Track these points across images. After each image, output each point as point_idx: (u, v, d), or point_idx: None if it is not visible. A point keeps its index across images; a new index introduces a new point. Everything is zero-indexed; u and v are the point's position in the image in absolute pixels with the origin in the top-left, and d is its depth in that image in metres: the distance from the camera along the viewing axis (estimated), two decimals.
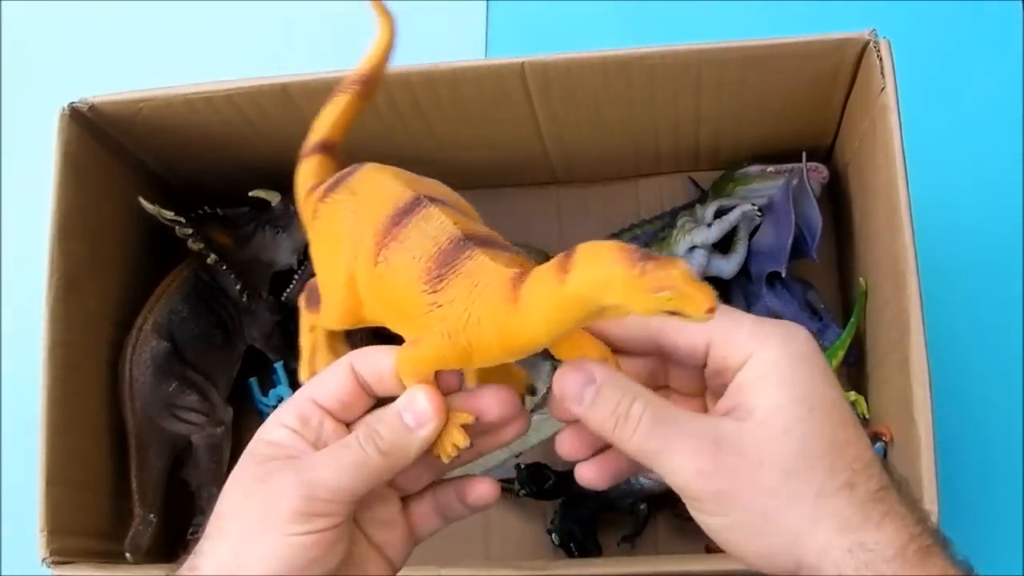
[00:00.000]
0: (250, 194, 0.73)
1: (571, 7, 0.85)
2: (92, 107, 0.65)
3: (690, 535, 0.71)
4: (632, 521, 0.69)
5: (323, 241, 0.45)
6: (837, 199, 0.74)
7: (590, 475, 0.43)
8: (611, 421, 0.39)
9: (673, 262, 0.35)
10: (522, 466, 0.70)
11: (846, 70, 0.64)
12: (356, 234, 0.43)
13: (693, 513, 0.39)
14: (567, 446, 0.43)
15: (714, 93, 0.66)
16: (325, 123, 0.52)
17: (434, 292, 0.40)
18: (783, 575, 0.38)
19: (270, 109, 0.66)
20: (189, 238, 0.69)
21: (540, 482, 0.69)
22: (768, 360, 0.39)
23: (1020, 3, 0.81)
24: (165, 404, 0.69)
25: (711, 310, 0.34)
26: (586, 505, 0.70)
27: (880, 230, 0.62)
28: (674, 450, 0.38)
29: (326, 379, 0.43)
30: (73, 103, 0.64)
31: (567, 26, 0.84)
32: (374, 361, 0.42)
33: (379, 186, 0.46)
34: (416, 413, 0.41)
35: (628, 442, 0.39)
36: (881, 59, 0.60)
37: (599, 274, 0.36)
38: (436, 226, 0.42)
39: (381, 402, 0.43)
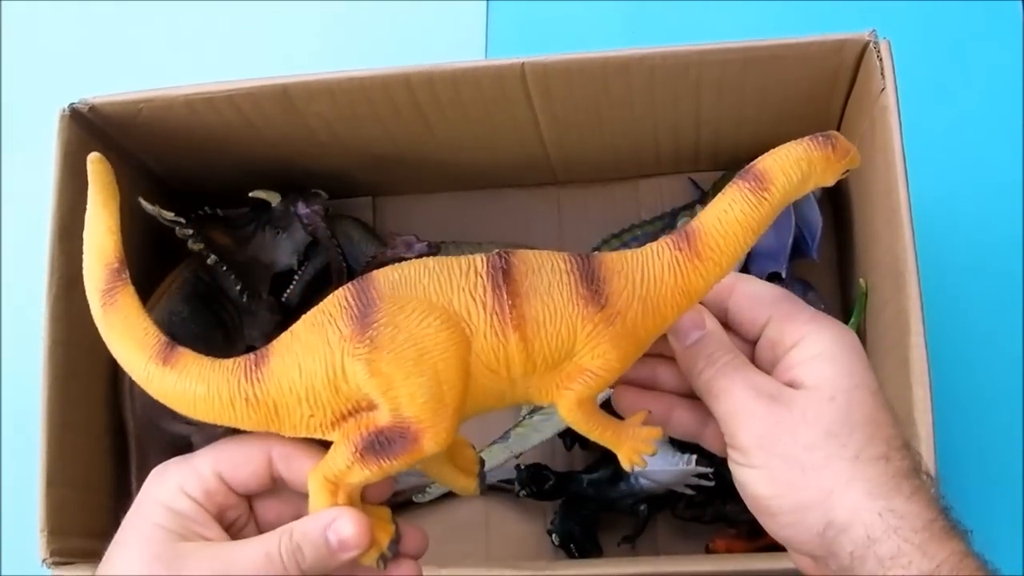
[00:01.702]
0: (250, 195, 0.73)
1: (571, 7, 0.85)
2: (92, 108, 0.65)
3: (690, 535, 0.71)
4: (632, 521, 0.69)
5: (401, 357, 0.41)
6: (837, 199, 0.74)
7: (627, 399, 0.46)
8: (703, 362, 0.43)
9: (829, 133, 0.42)
10: (522, 466, 0.70)
11: (846, 71, 0.64)
12: (449, 341, 0.41)
13: (734, 468, 0.42)
14: (627, 400, 0.46)
15: (714, 94, 0.67)
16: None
17: (601, 307, 0.41)
18: (806, 539, 0.40)
19: (270, 110, 0.66)
20: (189, 239, 0.69)
21: (540, 482, 0.69)
22: (821, 341, 0.42)
23: (1020, 3, 0.81)
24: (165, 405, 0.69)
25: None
26: (586, 505, 0.70)
27: (880, 230, 0.62)
28: (736, 391, 0.42)
29: (237, 459, 0.43)
30: (73, 103, 0.64)
31: (567, 27, 0.84)
32: (298, 463, 0.42)
33: (417, 286, 0.43)
34: (342, 538, 0.41)
35: (705, 381, 0.43)
36: (881, 60, 0.60)
37: (803, 167, 0.41)
38: (542, 262, 0.42)
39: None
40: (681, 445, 0.66)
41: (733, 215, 0.41)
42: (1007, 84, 0.79)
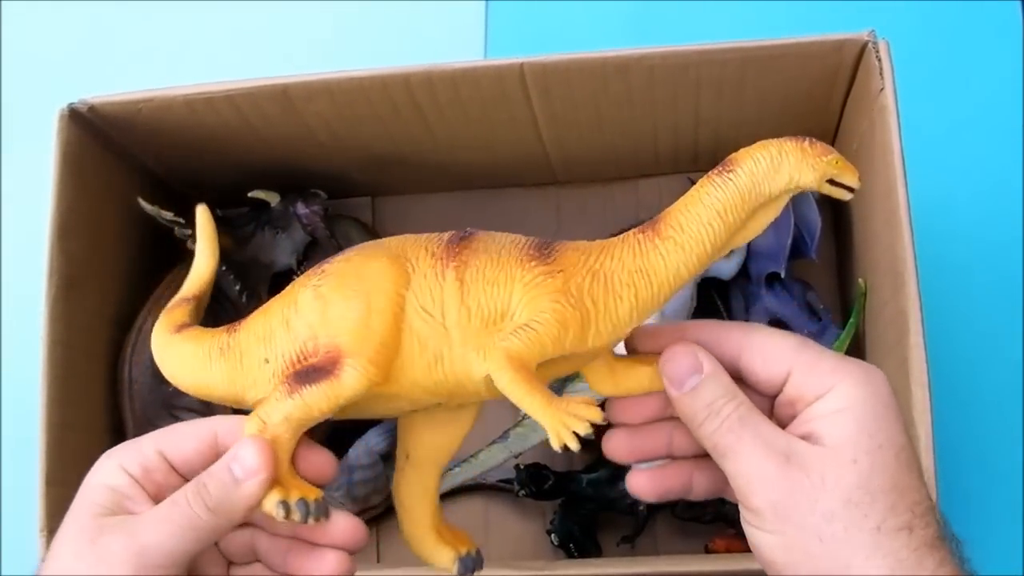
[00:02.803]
0: (250, 195, 0.73)
1: (571, 7, 0.85)
2: (92, 108, 0.65)
3: (690, 535, 0.71)
4: (631, 521, 0.69)
5: (340, 286, 0.42)
6: (836, 200, 0.74)
7: (643, 485, 0.44)
8: (703, 414, 0.40)
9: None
10: (522, 466, 0.70)
11: (845, 71, 0.64)
12: (388, 271, 0.41)
13: (747, 529, 0.40)
14: (616, 445, 0.44)
15: (714, 94, 0.67)
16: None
17: (546, 263, 0.41)
18: None
19: (270, 110, 0.66)
20: (189, 238, 0.69)
21: (539, 482, 0.69)
22: (846, 395, 0.39)
23: (1020, 3, 0.81)
24: (164, 405, 0.69)
25: (859, 181, 0.41)
26: (585, 505, 0.70)
27: (879, 231, 0.62)
28: (746, 451, 0.39)
29: (182, 437, 0.42)
30: (73, 103, 0.64)
31: (567, 26, 0.84)
32: (238, 424, 0.41)
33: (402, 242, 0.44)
34: (243, 464, 0.40)
35: (709, 437, 0.40)
36: (880, 60, 0.60)
37: (772, 152, 0.40)
38: (503, 236, 0.43)
39: None
40: None
41: (697, 196, 0.41)
42: (1007, 84, 0.79)
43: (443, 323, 0.40)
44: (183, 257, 0.72)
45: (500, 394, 0.40)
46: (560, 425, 0.38)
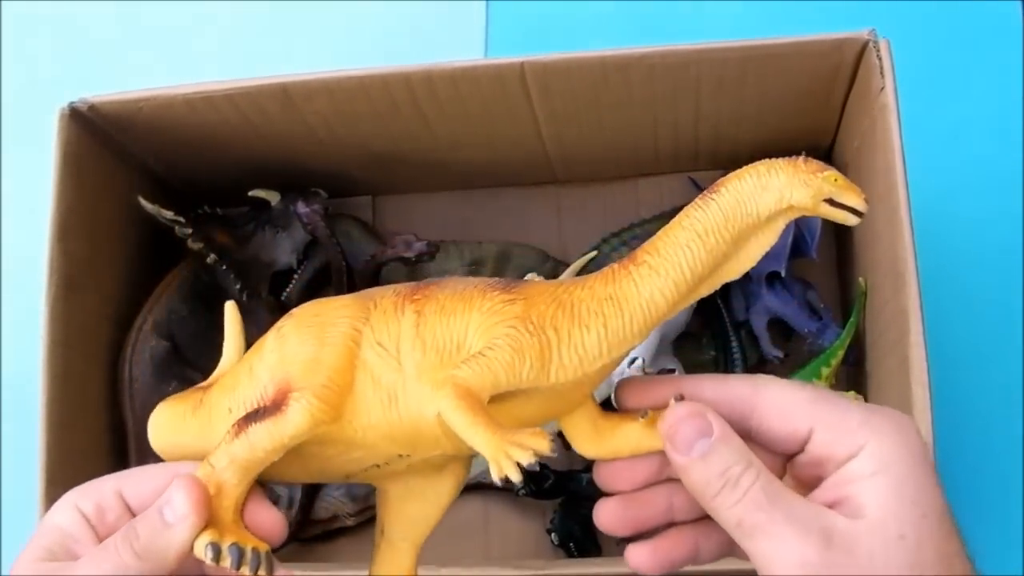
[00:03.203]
0: (250, 194, 0.73)
1: (571, 7, 0.85)
2: (92, 107, 0.65)
3: None
4: None
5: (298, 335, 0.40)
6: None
7: (644, 561, 0.40)
8: (717, 483, 0.36)
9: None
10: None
11: (846, 70, 0.64)
12: (347, 308, 0.40)
13: None
14: (609, 518, 0.40)
15: (714, 93, 0.66)
16: None
17: (508, 292, 0.38)
18: None
19: (270, 109, 0.66)
20: (189, 238, 0.69)
21: (539, 482, 0.69)
22: (882, 455, 0.36)
23: (1020, 3, 0.81)
24: None
25: (866, 202, 0.37)
26: (586, 505, 0.69)
27: (880, 230, 0.62)
28: (778, 532, 0.35)
29: (142, 479, 0.40)
30: (73, 103, 0.64)
31: (567, 26, 0.84)
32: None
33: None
34: (174, 507, 0.37)
35: (728, 510, 0.36)
36: (881, 59, 0.60)
37: (760, 170, 0.37)
38: (476, 278, 0.41)
39: None
40: None
41: (678, 220, 0.38)
42: (1007, 84, 0.79)
43: (397, 357, 0.38)
44: (183, 257, 0.73)
45: (465, 445, 0.36)
46: (501, 454, 0.34)
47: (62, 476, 0.62)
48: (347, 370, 0.38)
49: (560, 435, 0.69)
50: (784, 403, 0.38)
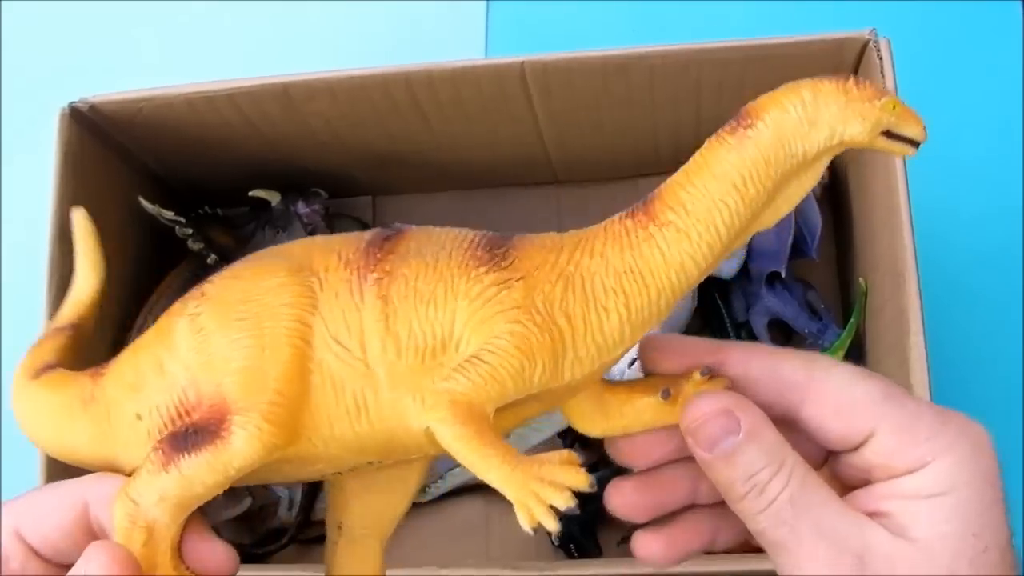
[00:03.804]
0: (250, 194, 0.73)
1: (571, 7, 0.85)
2: (92, 107, 0.65)
3: None
4: (632, 521, 0.69)
5: (220, 332, 0.32)
6: (837, 199, 0.74)
7: (657, 552, 0.35)
8: (743, 487, 0.31)
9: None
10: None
11: (846, 70, 0.64)
12: (285, 290, 0.31)
13: None
14: (623, 502, 0.35)
15: (714, 93, 0.66)
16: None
17: (499, 268, 0.31)
18: None
19: (271, 109, 0.66)
20: (189, 238, 0.69)
21: None
22: (949, 476, 0.31)
23: (1020, 3, 0.81)
24: None
25: (925, 132, 0.30)
26: (586, 505, 0.69)
27: (879, 230, 0.62)
28: (806, 550, 0.30)
29: (44, 510, 0.33)
30: (73, 103, 0.64)
31: (567, 26, 0.84)
32: (115, 491, 0.32)
33: (287, 254, 0.34)
34: None
35: (752, 519, 0.31)
36: (881, 59, 0.60)
37: (805, 98, 0.31)
38: (444, 233, 0.32)
39: None
40: None
41: (704, 163, 0.30)
42: (1007, 84, 0.79)
43: (363, 359, 0.30)
44: (183, 257, 0.73)
45: None
46: (531, 498, 0.29)
47: (62, 476, 0.62)
48: (298, 378, 0.30)
49: (560, 435, 0.70)
50: (844, 399, 0.32)
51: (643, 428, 0.34)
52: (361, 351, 0.31)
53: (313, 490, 0.71)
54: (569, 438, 0.71)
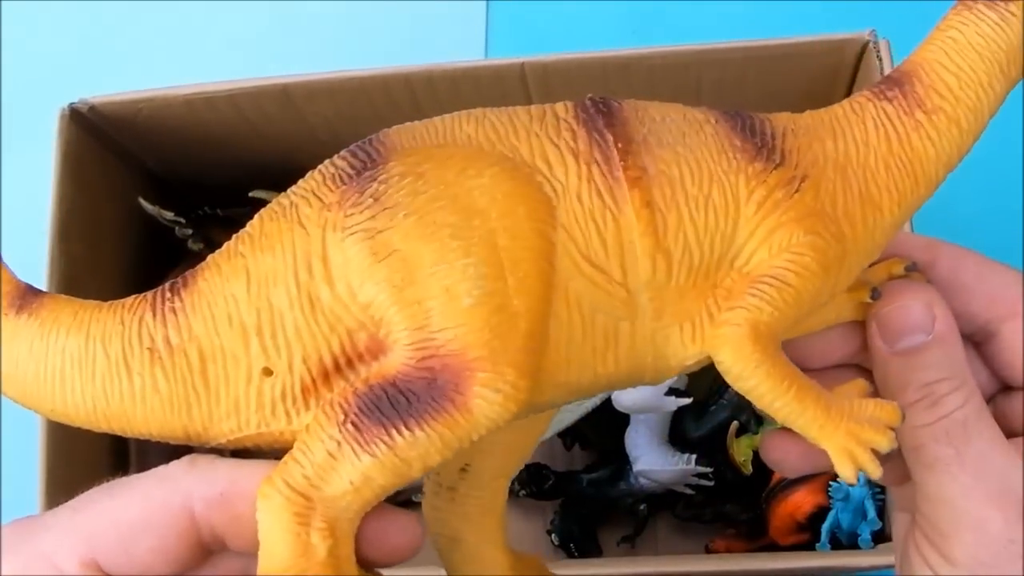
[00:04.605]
0: (250, 194, 0.73)
1: (571, 7, 0.85)
2: (92, 107, 0.65)
3: (690, 535, 0.71)
4: (632, 521, 0.69)
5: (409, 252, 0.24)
6: None
7: (789, 457, 0.29)
8: (914, 393, 0.28)
9: None
10: (522, 466, 0.70)
11: (846, 70, 0.64)
12: (518, 195, 0.24)
13: (914, 556, 0.29)
14: (780, 453, 0.29)
15: (714, 93, 0.66)
16: None
17: (778, 165, 0.26)
18: None
19: (270, 109, 0.66)
20: (189, 238, 0.69)
21: (540, 482, 0.69)
22: None
23: None
24: None
25: None
26: (586, 505, 0.70)
27: None
28: (965, 480, 0.27)
29: (128, 530, 0.24)
30: (73, 103, 0.64)
31: (567, 26, 0.84)
32: (245, 503, 0.24)
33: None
34: None
35: (913, 432, 0.28)
36: (881, 59, 0.60)
37: None
38: (668, 110, 0.27)
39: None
40: (680, 444, 0.66)
41: (965, 40, 0.27)
42: None
43: (624, 283, 0.24)
44: (183, 257, 0.73)
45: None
46: (852, 442, 0.25)
47: (62, 477, 0.62)
48: (546, 315, 0.24)
49: (560, 435, 0.70)
50: None
51: (822, 326, 0.29)
52: (621, 273, 0.24)
53: None
54: (569, 438, 0.71)
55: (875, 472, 0.25)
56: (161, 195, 0.72)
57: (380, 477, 0.23)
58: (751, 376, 0.24)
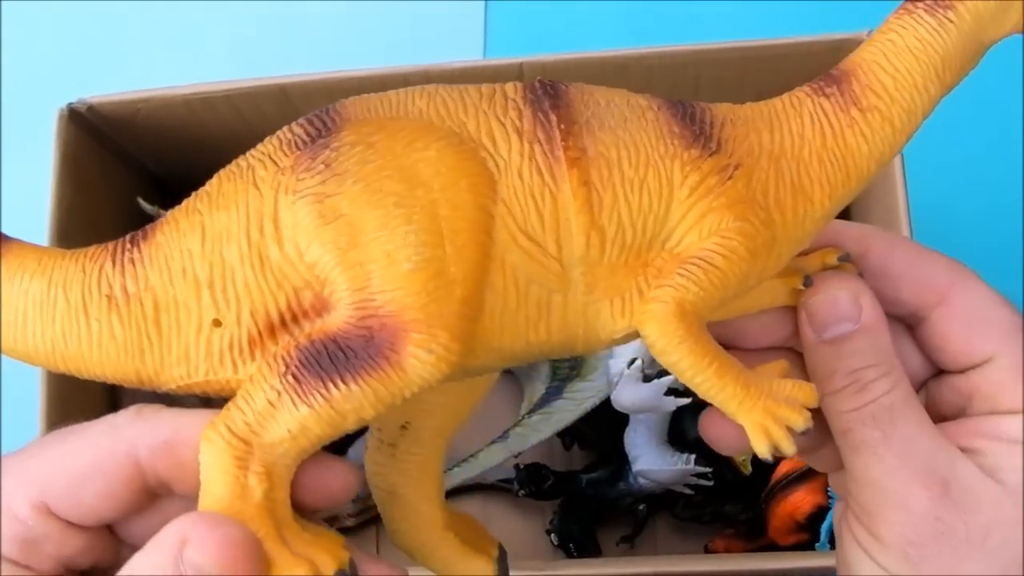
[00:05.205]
0: None
1: (570, 7, 0.85)
2: (91, 108, 0.65)
3: (690, 535, 0.71)
4: (631, 521, 0.69)
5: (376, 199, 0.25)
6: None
7: (723, 435, 0.30)
8: (841, 380, 0.29)
9: None
10: (521, 466, 0.70)
11: None
12: (460, 167, 0.26)
13: (848, 544, 0.30)
14: (716, 429, 0.30)
15: (713, 93, 0.66)
16: None
17: (713, 152, 0.27)
18: None
19: (269, 110, 0.66)
20: None
21: (539, 482, 0.69)
22: None
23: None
24: (167, 402, 0.69)
25: None
26: (585, 505, 0.70)
27: None
28: (891, 461, 0.28)
29: (77, 474, 0.26)
30: (72, 103, 0.64)
31: (566, 26, 0.84)
32: (188, 449, 0.26)
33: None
34: (192, 564, 0.23)
35: (842, 414, 0.29)
36: None
37: None
38: (611, 95, 0.28)
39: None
40: (680, 444, 0.66)
41: (903, 45, 0.28)
42: (1007, 84, 0.79)
43: (558, 257, 0.26)
44: None
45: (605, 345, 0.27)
46: (769, 421, 0.27)
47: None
48: (482, 283, 0.25)
49: (559, 435, 0.70)
50: (979, 314, 0.30)
51: (758, 309, 0.31)
52: (556, 248, 0.26)
53: None
54: (568, 438, 0.71)
55: (789, 448, 0.27)
56: (159, 195, 0.72)
57: (316, 427, 0.25)
58: (674, 351, 0.26)
